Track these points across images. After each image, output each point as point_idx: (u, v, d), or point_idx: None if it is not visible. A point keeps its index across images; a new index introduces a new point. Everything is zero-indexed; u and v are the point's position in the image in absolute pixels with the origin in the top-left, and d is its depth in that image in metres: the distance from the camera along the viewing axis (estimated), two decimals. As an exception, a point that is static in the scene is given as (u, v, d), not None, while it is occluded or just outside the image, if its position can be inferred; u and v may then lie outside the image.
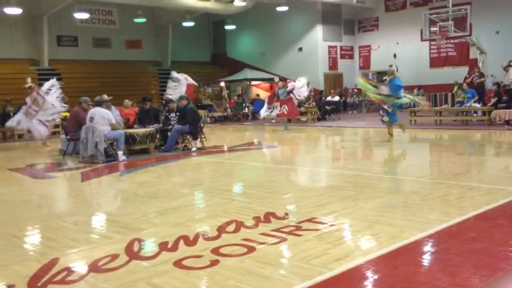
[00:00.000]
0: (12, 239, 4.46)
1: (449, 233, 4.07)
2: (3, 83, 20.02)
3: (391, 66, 11.78)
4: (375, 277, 3.23)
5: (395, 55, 23.30)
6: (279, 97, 15.76)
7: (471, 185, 6.00)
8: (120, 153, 9.54)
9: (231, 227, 4.43)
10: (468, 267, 3.26)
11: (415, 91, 21.67)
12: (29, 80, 13.52)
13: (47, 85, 13.09)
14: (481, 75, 15.91)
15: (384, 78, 11.42)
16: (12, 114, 17.02)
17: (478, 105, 14.81)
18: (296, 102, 16.23)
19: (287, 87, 15.82)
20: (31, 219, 5.28)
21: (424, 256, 3.60)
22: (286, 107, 15.56)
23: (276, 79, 17.52)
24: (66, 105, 13.56)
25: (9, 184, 7.67)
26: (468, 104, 14.93)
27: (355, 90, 23.24)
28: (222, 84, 22.89)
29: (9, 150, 13.65)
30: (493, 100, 14.46)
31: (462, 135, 12.67)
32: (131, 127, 11.15)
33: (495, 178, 6.55)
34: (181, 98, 11.43)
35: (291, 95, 15.70)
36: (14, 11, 18.87)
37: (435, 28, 18.75)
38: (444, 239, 3.93)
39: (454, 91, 18.79)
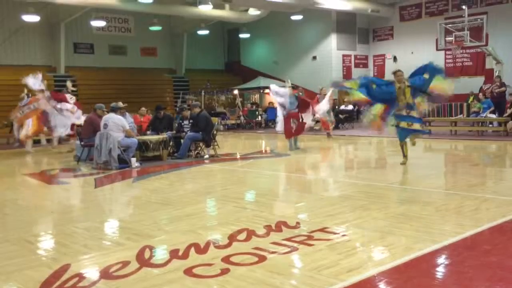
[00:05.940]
0: (25, 244, 4.50)
1: (463, 246, 4.01)
2: (20, 90, 20.29)
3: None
4: (387, 289, 3.19)
5: (395, 58, 23.33)
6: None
7: (486, 196, 5.91)
8: (133, 159, 9.61)
9: (242, 236, 4.41)
10: (482, 281, 3.21)
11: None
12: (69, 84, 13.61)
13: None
14: (502, 85, 15.70)
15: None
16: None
17: (493, 116, 14.62)
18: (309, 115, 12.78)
19: (299, 93, 12.71)
20: (44, 224, 5.33)
21: (437, 269, 3.55)
22: (296, 121, 12.09)
23: (288, 83, 12.68)
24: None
25: (23, 189, 7.75)
26: (484, 115, 14.75)
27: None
28: (236, 92, 22.99)
29: (25, 155, 13.79)
30: (509, 111, 14.28)
31: (478, 145, 12.51)
32: (144, 134, 11.27)
33: (511, 189, 6.45)
34: (194, 106, 11.50)
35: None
36: (32, 18, 19.21)
37: (451, 38, 18.58)
38: (458, 251, 3.87)
39: (469, 101, 18.60)
